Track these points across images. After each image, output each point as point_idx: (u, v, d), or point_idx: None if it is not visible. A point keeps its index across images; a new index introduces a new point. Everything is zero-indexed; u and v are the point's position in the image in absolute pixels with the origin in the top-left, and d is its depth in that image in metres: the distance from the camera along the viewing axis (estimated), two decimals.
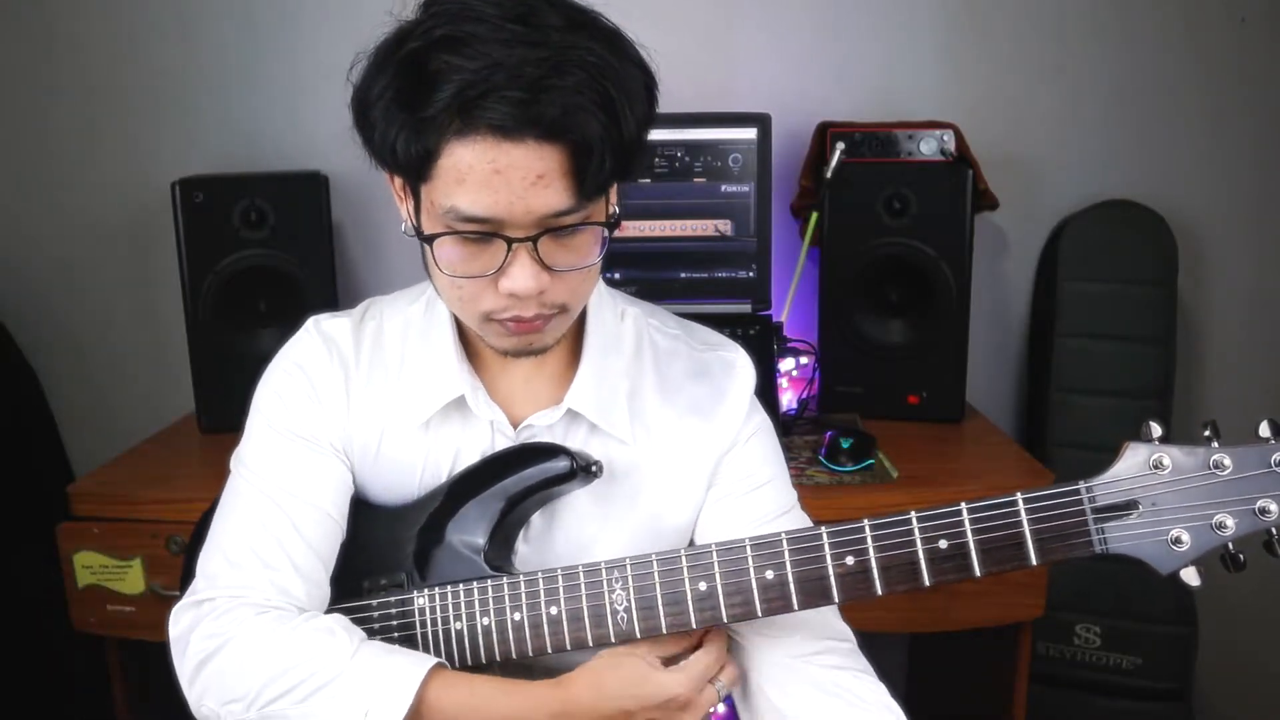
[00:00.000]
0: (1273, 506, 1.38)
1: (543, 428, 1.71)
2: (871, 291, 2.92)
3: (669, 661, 1.61)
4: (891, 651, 3.52)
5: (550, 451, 1.66)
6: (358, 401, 1.73)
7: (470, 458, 1.70)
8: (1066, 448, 3.13)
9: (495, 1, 1.41)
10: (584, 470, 1.65)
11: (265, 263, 2.81)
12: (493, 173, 1.41)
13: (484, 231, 1.45)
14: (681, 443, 1.75)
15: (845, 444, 2.60)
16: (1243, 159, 3.24)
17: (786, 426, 2.83)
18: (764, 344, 2.74)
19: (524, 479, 1.65)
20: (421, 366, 1.73)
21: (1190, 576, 1.41)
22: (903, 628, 2.92)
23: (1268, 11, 3.18)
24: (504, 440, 1.70)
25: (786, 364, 2.98)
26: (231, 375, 2.04)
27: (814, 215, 2.87)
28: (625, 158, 1.47)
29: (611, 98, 1.42)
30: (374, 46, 1.49)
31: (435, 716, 1.53)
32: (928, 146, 2.93)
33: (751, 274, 2.89)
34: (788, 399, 2.96)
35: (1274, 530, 1.39)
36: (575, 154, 1.42)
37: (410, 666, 1.53)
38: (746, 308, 2.89)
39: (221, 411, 2.78)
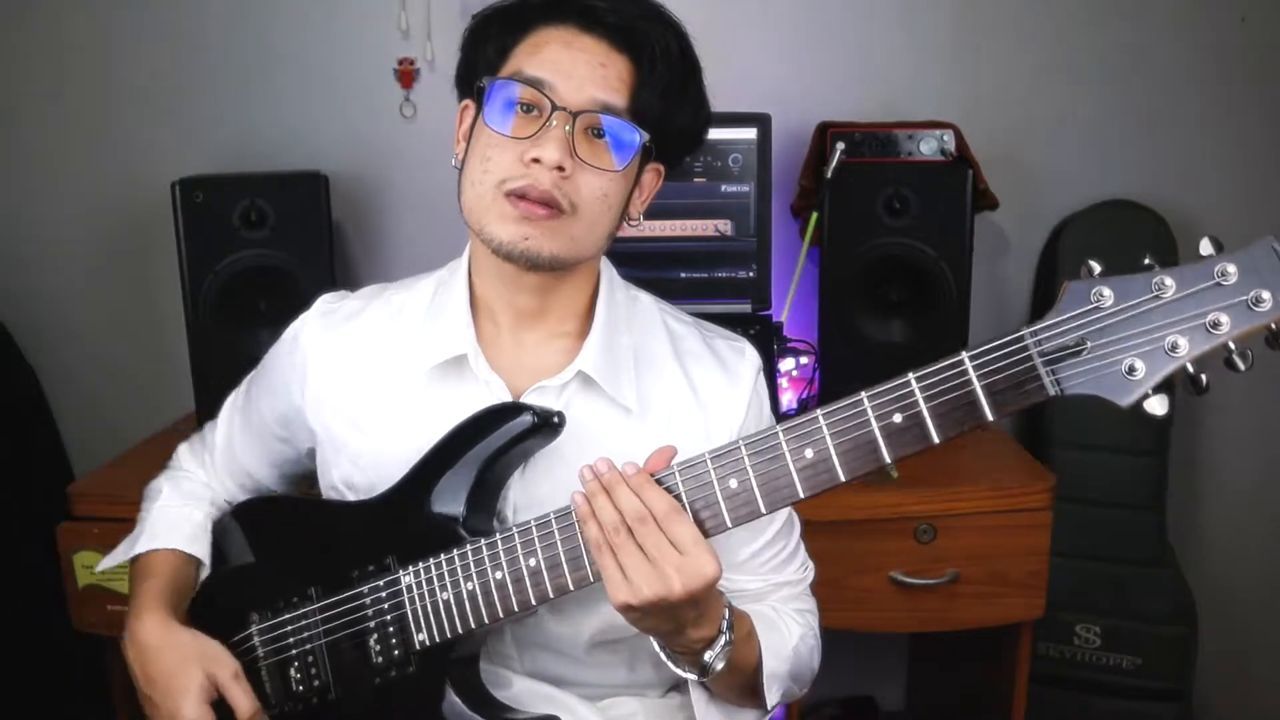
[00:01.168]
0: (1223, 318, 1.32)
1: (552, 390, 1.76)
2: (871, 291, 2.91)
3: None
4: (891, 651, 3.57)
5: (512, 411, 1.70)
6: (341, 376, 1.85)
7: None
8: (1068, 448, 3.13)
9: None
10: (546, 423, 1.69)
11: (265, 262, 2.82)
12: (564, 46, 1.63)
13: (536, 93, 1.61)
14: (689, 420, 1.79)
15: None
16: (1244, 159, 3.27)
17: None
18: (764, 344, 2.72)
19: (490, 443, 1.69)
20: (422, 332, 1.81)
21: (1154, 406, 1.35)
22: (902, 627, 2.96)
23: (1268, 10, 3.19)
24: None
25: (786, 364, 2.99)
26: (232, 374, 2.08)
27: (814, 215, 2.87)
28: (674, 113, 1.69)
29: (687, 59, 1.69)
30: None
31: (135, 566, 1.95)
32: (928, 146, 2.94)
33: (751, 274, 2.90)
34: (788, 399, 2.97)
35: (1231, 344, 1.33)
36: (639, 70, 1.64)
37: (143, 539, 1.95)
38: (746, 308, 2.89)
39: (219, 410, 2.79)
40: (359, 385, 1.84)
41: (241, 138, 3.19)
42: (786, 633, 1.83)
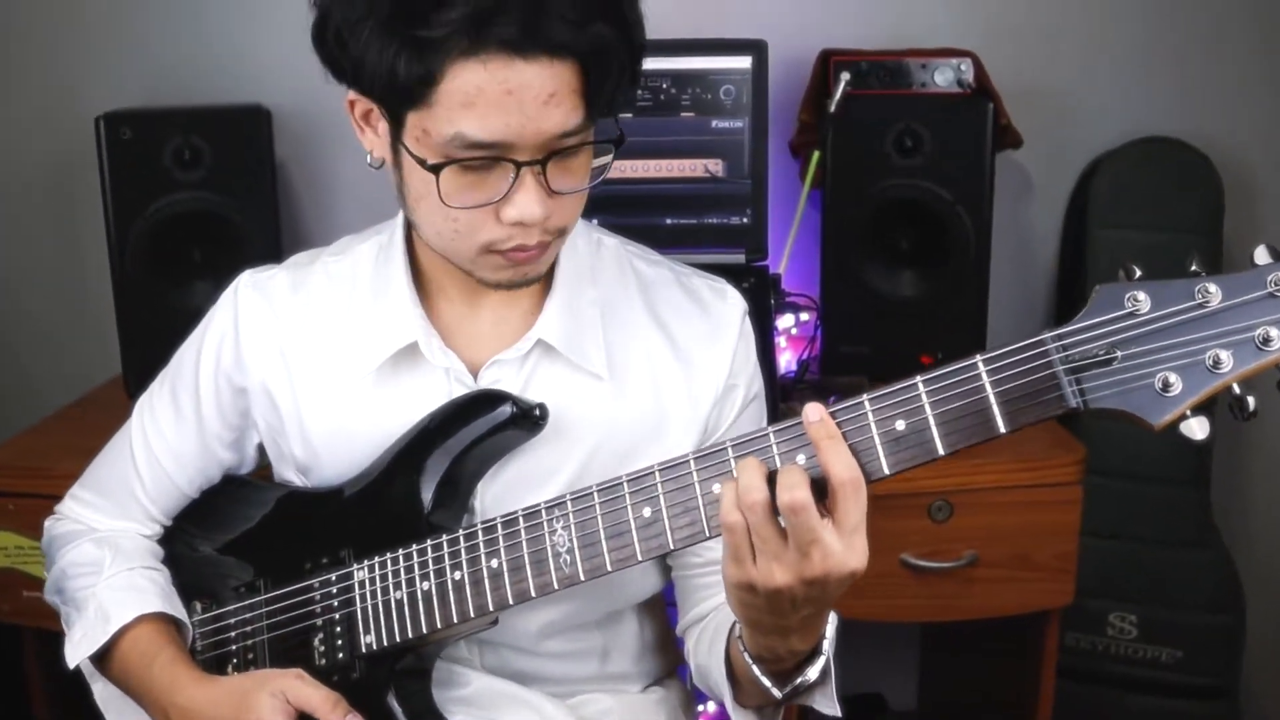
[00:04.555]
0: (1275, 334, 1.28)
1: (512, 363, 1.77)
2: (880, 239, 2.92)
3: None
4: (901, 643, 3.60)
5: (490, 400, 1.71)
6: (289, 362, 1.85)
7: (426, 409, 1.76)
8: (1101, 416, 3.11)
9: None
10: (524, 416, 1.70)
11: (200, 207, 2.81)
12: (505, 94, 1.48)
13: (490, 157, 1.53)
14: (669, 379, 1.81)
15: None
16: None
17: (785, 390, 2.83)
18: (760, 298, 2.70)
19: (465, 435, 1.71)
20: (369, 314, 1.81)
21: (1193, 429, 1.31)
22: (914, 617, 2.94)
23: None
24: (462, 390, 1.77)
25: (785, 321, 2.98)
26: (162, 333, 2.08)
27: (815, 154, 2.87)
28: (635, 67, 1.59)
29: (617, 12, 1.54)
30: None
31: (119, 660, 1.83)
32: (943, 77, 2.94)
33: (746, 220, 2.89)
34: (786, 360, 2.97)
35: None
36: (588, 69, 1.52)
37: (119, 610, 1.82)
38: (740, 258, 2.86)
39: (151, 374, 2.63)
40: (307, 370, 1.84)
41: (173, 66, 3.16)
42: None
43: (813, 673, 1.56)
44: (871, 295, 2.94)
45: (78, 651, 1.83)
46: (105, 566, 1.88)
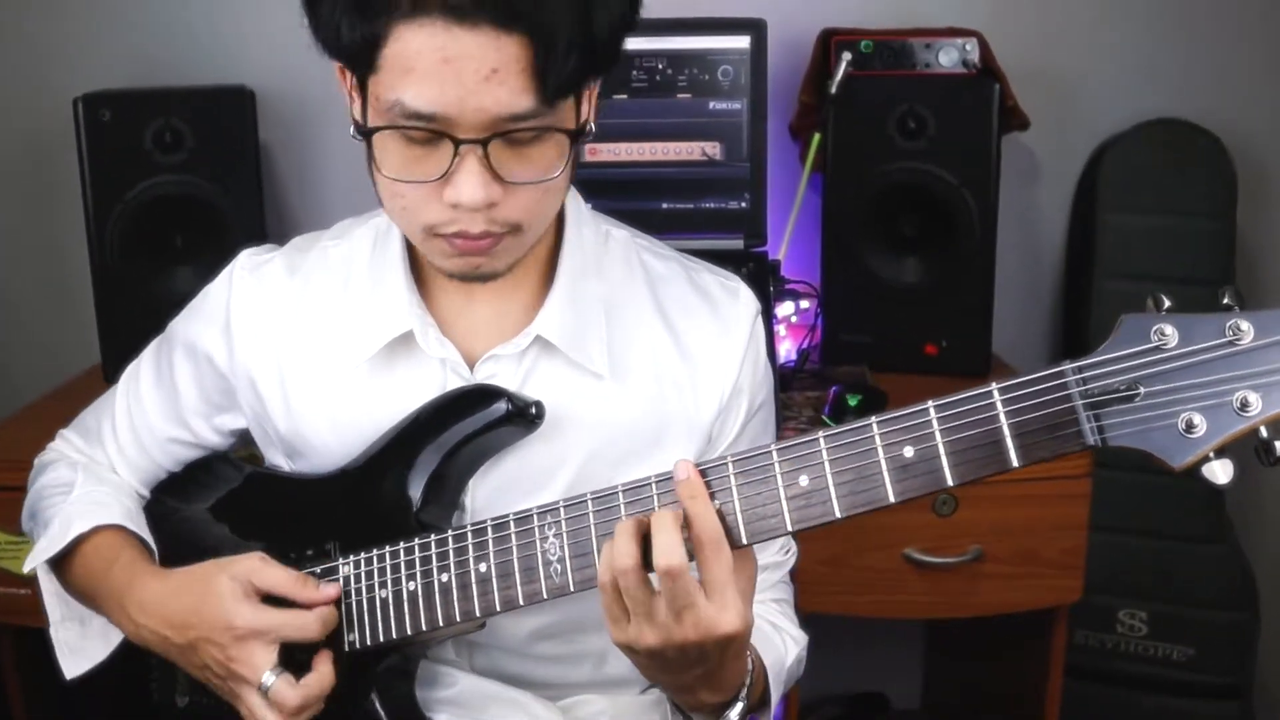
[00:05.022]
0: None
1: (509, 359, 1.74)
2: (882, 224, 2.91)
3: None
4: (904, 641, 3.59)
5: (485, 396, 1.69)
6: (281, 349, 1.82)
7: (420, 401, 1.73)
8: (1119, 454, 3.10)
9: None
10: (519, 414, 1.68)
11: (182, 191, 2.80)
12: (441, 62, 1.43)
13: (429, 130, 1.48)
14: (674, 380, 1.79)
15: (852, 401, 2.61)
16: None
17: (785, 381, 2.81)
18: (759, 286, 2.55)
19: (458, 430, 1.69)
20: (365, 301, 1.79)
21: (1215, 472, 1.28)
22: (917, 614, 2.94)
23: None
24: (457, 381, 1.74)
25: (785, 309, 2.98)
26: (143, 321, 2.09)
27: (816, 137, 2.86)
28: (595, 57, 1.50)
29: None
30: None
31: (79, 566, 1.83)
32: (947, 57, 2.94)
33: (744, 205, 2.88)
34: (786, 349, 2.96)
35: None
36: (537, 47, 1.44)
37: (81, 521, 1.82)
38: (738, 244, 2.86)
39: (129, 361, 2.74)
40: (300, 358, 1.83)
41: (154, 46, 3.15)
42: (783, 652, 1.83)
43: (733, 715, 1.59)
44: (874, 282, 2.93)
45: (37, 558, 1.83)
46: (75, 486, 1.90)
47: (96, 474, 1.93)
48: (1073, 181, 3.30)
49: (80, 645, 1.89)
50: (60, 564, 1.85)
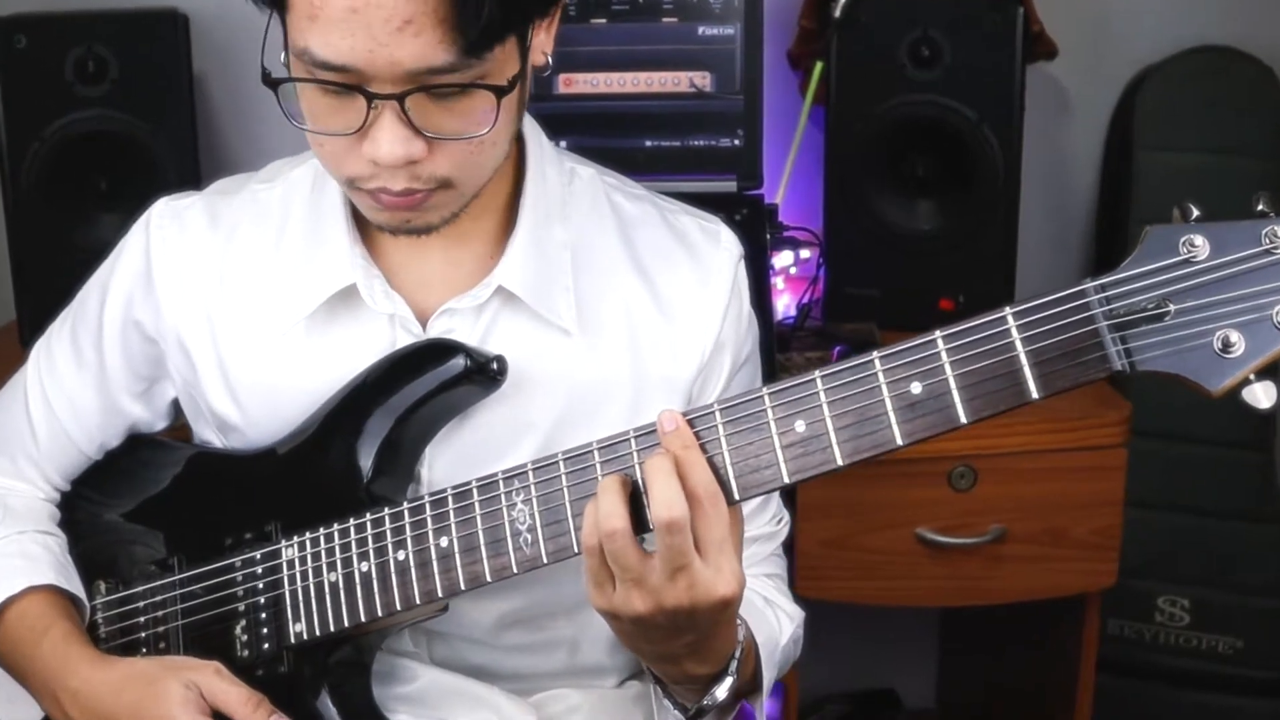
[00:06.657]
0: None
1: (466, 313, 1.72)
2: (893, 164, 2.87)
3: None
4: (917, 631, 3.58)
5: (440, 352, 1.67)
6: (210, 306, 1.80)
7: (366, 362, 1.72)
8: (1150, 379, 3.05)
9: None
10: (479, 370, 1.65)
11: (106, 126, 2.75)
12: (349, 11, 1.41)
13: (340, 82, 1.47)
14: (649, 334, 1.77)
15: None
16: None
17: (784, 340, 2.80)
18: (754, 232, 2.63)
19: (410, 391, 1.67)
20: (301, 252, 1.77)
21: (1257, 396, 1.27)
22: (931, 601, 2.96)
23: None
24: (408, 338, 1.72)
25: (783, 259, 2.97)
26: (62, 272, 2.07)
27: (818, 66, 2.86)
28: (520, 1, 1.51)
29: None
30: None
31: (4, 635, 1.77)
32: None
33: (738, 142, 2.83)
34: (784, 304, 2.95)
35: None
36: None
37: (6, 581, 1.76)
38: (731, 186, 2.82)
39: (50, 319, 2.70)
40: (230, 316, 1.80)
41: None
42: (777, 630, 1.83)
43: (720, 692, 1.60)
44: (882, 229, 2.89)
45: None
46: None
47: (13, 509, 1.87)
48: (1106, 116, 3.25)
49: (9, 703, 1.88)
50: None
